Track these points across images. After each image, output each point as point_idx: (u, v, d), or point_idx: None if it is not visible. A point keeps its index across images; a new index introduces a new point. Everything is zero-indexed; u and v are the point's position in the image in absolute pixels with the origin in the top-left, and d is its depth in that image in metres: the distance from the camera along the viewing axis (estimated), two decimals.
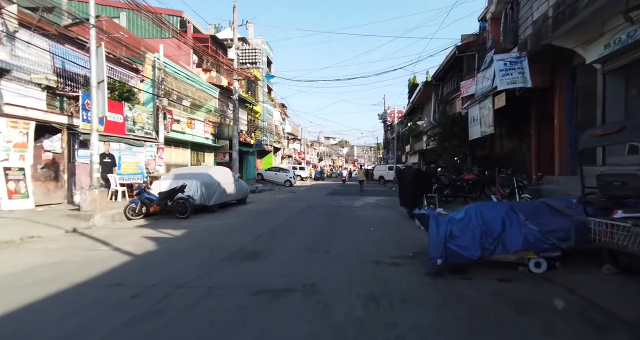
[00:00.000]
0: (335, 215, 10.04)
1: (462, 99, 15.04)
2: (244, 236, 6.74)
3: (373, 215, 10.04)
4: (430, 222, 4.46)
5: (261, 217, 9.71)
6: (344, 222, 8.78)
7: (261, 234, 6.94)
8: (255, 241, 6.29)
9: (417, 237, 6.67)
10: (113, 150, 12.25)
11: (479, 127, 12.17)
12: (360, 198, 16.07)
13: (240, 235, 6.85)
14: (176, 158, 17.86)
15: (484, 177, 10.68)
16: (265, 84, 33.19)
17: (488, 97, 11.18)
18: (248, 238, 6.54)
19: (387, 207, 12.32)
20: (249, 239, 6.43)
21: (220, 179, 11.16)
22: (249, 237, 6.59)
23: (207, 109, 21.25)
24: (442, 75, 18.10)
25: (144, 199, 9.29)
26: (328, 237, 6.69)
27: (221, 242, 6.27)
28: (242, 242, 6.13)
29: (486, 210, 4.54)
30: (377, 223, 8.55)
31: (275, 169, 30.15)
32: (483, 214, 4.45)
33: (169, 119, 16.29)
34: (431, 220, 4.45)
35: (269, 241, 6.31)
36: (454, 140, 14.12)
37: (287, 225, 8.13)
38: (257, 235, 6.78)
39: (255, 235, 6.77)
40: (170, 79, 16.30)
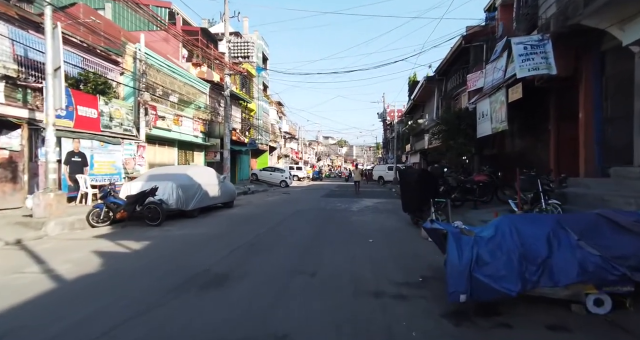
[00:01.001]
0: (329, 222, 8.87)
1: (468, 94, 13.89)
2: (216, 251, 5.56)
3: (372, 222, 8.88)
4: (449, 242, 3.29)
5: (245, 224, 8.53)
6: (338, 230, 7.61)
7: (237, 248, 5.76)
8: (227, 258, 5.11)
9: (425, 251, 5.51)
10: (84, 148, 11.05)
11: (489, 124, 11.01)
12: (357, 200, 14.91)
13: (211, 250, 5.67)
14: (161, 157, 16.67)
15: (496, 179, 9.52)
16: (260, 81, 32.01)
17: (500, 89, 10.02)
18: (219, 253, 5.36)
19: (388, 211, 11.15)
20: (219, 255, 5.25)
21: (201, 181, 9.98)
22: (221, 253, 5.41)
23: (196, 105, 20.05)
24: (446, 69, 16.94)
25: (109, 204, 8.11)
26: (317, 253, 5.52)
27: (185, 259, 5.10)
28: (210, 260, 4.96)
29: (524, 225, 3.37)
30: (377, 232, 7.38)
31: (270, 169, 28.95)
32: (520, 231, 3.29)
33: (152, 115, 15.10)
34: (450, 241, 3.29)
35: (244, 258, 5.13)
36: (460, 138, 12.96)
37: (272, 235, 6.95)
38: (231, 250, 5.60)
39: (229, 250, 5.59)
40: (153, 71, 15.10)
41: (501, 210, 8.75)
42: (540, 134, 10.34)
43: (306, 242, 6.28)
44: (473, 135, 12.97)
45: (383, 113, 47.58)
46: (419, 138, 26.31)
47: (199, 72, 22.00)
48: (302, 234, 7.16)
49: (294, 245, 6.01)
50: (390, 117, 47.55)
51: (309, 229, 7.69)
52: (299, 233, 7.24)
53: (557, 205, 6.09)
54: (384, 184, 30.61)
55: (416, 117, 28.55)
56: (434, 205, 7.20)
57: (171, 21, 21.50)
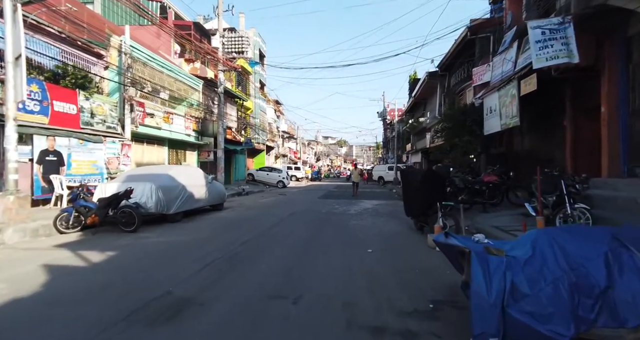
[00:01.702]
0: (325, 227, 8.05)
1: (474, 88, 13.07)
2: (189, 264, 4.74)
3: (371, 227, 8.06)
4: (473, 266, 2.47)
5: (231, 229, 7.71)
6: (334, 237, 6.79)
7: (214, 261, 4.94)
8: (198, 275, 4.29)
9: (433, 264, 4.70)
10: (60, 146, 10.23)
11: (497, 120, 10.20)
12: (356, 202, 14.09)
13: (184, 263, 4.85)
14: (150, 156, 15.85)
15: (507, 179, 8.70)
16: (257, 79, 31.20)
17: (511, 81, 9.21)
18: (192, 268, 4.54)
19: (388, 215, 10.33)
20: (191, 270, 4.43)
21: (185, 181, 9.16)
22: (194, 266, 4.60)
23: (189, 103, 19.23)
24: (449, 63, 16.12)
25: (79, 208, 7.29)
26: (307, 267, 4.70)
27: (149, 276, 4.27)
28: (178, 277, 4.14)
29: (570, 242, 2.55)
30: (377, 239, 6.56)
31: (267, 169, 28.14)
32: (566, 251, 2.48)
33: (139, 112, 14.28)
34: (475, 263, 2.47)
35: (218, 275, 4.31)
36: (466, 135, 12.12)
37: (258, 244, 6.13)
38: (206, 263, 4.78)
39: (205, 263, 4.77)
40: (139, 66, 14.28)
41: (514, 214, 7.94)
42: (554, 130, 9.53)
43: (296, 253, 5.46)
44: (479, 132, 12.16)
45: (383, 112, 46.73)
46: (420, 137, 25.49)
47: (191, 69, 21.20)
48: (292, 242, 6.34)
49: (280, 258, 5.19)
50: (391, 117, 46.76)
51: (301, 236, 6.87)
52: (290, 241, 6.41)
53: (585, 210, 5.28)
54: (383, 184, 29.80)
55: (417, 115, 27.75)
56: (441, 210, 6.38)
57: (162, 15, 20.68)
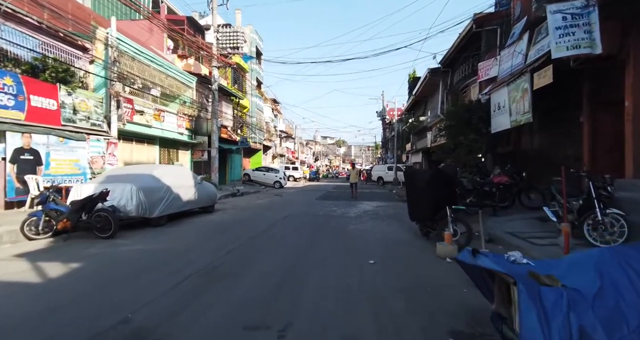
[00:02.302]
0: (321, 232, 7.36)
1: (479, 84, 12.41)
2: (158, 281, 4.05)
3: (372, 232, 7.37)
4: (521, 302, 1.78)
5: (218, 235, 7.01)
6: (331, 245, 6.10)
7: (189, 276, 4.24)
8: (166, 297, 3.59)
9: (446, 281, 4.02)
10: (37, 144, 9.51)
11: (507, 116, 9.53)
12: (355, 204, 13.41)
13: (152, 279, 4.15)
14: (139, 156, 15.13)
15: (520, 180, 8.03)
16: (254, 77, 30.50)
17: (523, 75, 8.54)
18: (159, 287, 3.85)
19: (390, 217, 9.65)
20: (157, 291, 3.73)
21: (171, 182, 8.46)
22: (163, 285, 3.90)
23: (181, 100, 18.51)
24: (453, 59, 15.45)
25: (49, 211, 6.59)
26: (297, 286, 4.00)
27: (110, 296, 3.58)
28: (140, 300, 3.44)
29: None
30: (378, 247, 5.88)
31: (264, 169, 27.44)
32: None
33: (127, 109, 13.57)
34: (524, 300, 1.78)
35: (189, 297, 3.61)
36: (471, 133, 11.46)
37: (243, 254, 5.44)
38: (179, 280, 4.07)
39: (177, 280, 4.06)
40: (128, 60, 13.56)
41: (528, 218, 7.27)
42: (568, 127, 8.87)
43: (287, 265, 4.76)
44: (485, 130, 11.51)
45: (382, 111, 46.13)
46: (420, 136, 24.83)
47: (185, 65, 20.46)
48: (284, 251, 5.65)
49: (268, 272, 4.49)
50: (390, 116, 46.19)
51: (295, 244, 6.17)
52: (281, 250, 5.72)
53: (619, 216, 4.60)
54: (383, 184, 29.15)
55: (418, 114, 27.10)
56: (451, 214, 5.71)
57: (155, 9, 19.97)
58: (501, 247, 5.73)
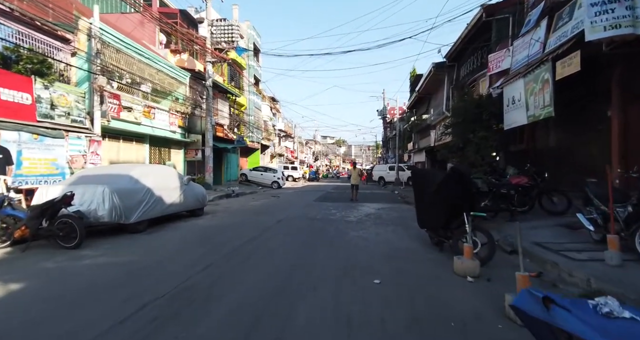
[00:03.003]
0: (317, 241, 6.51)
1: (489, 78, 11.55)
2: (104, 312, 3.19)
3: (375, 241, 6.52)
4: None
5: (200, 245, 6.16)
6: (328, 259, 5.24)
7: (147, 304, 3.38)
8: (110, 335, 2.74)
9: (473, 310, 3.17)
10: (7, 141, 8.66)
11: (523, 111, 8.67)
12: (356, 206, 12.55)
13: (96, 310, 3.29)
14: (127, 155, 14.27)
15: (541, 182, 7.16)
16: (251, 74, 29.64)
17: (543, 64, 7.68)
18: (101, 323, 2.99)
19: (395, 222, 8.81)
20: (96, 330, 2.87)
21: (152, 184, 7.62)
22: (107, 320, 3.04)
23: (174, 97, 17.66)
24: (459, 52, 14.56)
25: (5, 217, 5.76)
26: (283, 317, 3.15)
27: (34, 334, 2.73)
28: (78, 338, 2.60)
29: None
30: (384, 262, 5.03)
31: (261, 169, 26.58)
32: None
33: (114, 105, 12.73)
34: None
35: (139, 337, 2.76)
36: (481, 130, 10.61)
37: (222, 271, 4.58)
38: (132, 311, 3.21)
39: (129, 311, 3.20)
40: (112, 53, 12.71)
41: (552, 225, 6.40)
42: (592, 122, 8.03)
43: (272, 288, 3.90)
44: (497, 127, 10.67)
45: (383, 110, 45.23)
46: (423, 135, 23.98)
47: (178, 60, 19.63)
48: (271, 266, 4.79)
49: (248, 296, 3.63)
50: (391, 115, 45.36)
51: (285, 256, 5.32)
52: (267, 265, 4.86)
53: None
54: (384, 185, 28.29)
55: (420, 112, 26.24)
56: (469, 222, 4.86)
57: (146, 2, 19.10)
58: (528, 261, 4.88)
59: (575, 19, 7.18)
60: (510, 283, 3.99)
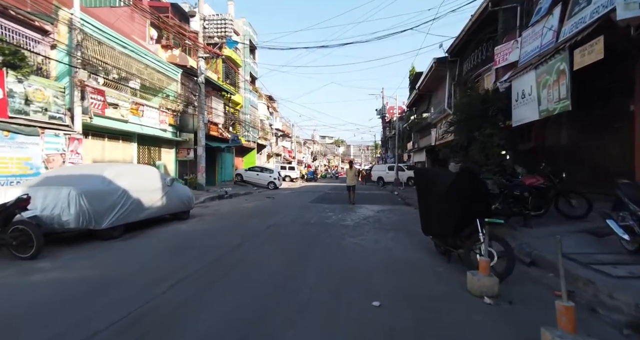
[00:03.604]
0: (309, 250, 5.80)
1: (496, 72, 10.87)
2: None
3: (373, 250, 5.82)
4: None
5: (175, 255, 5.45)
6: (318, 274, 4.54)
7: (94, 335, 2.68)
8: None
9: None
10: None
11: (534, 105, 7.99)
12: (354, 209, 11.84)
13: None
14: (113, 154, 13.55)
15: (559, 182, 6.47)
16: (247, 72, 28.92)
17: (558, 53, 7.00)
18: None
19: (395, 227, 8.11)
20: None
21: (128, 185, 6.90)
22: None
23: (164, 94, 16.93)
24: (463, 44, 13.87)
25: None
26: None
27: None
28: None
29: None
30: (384, 277, 4.32)
31: (257, 169, 25.87)
32: None
33: (97, 101, 12.01)
34: None
35: None
36: (487, 128, 9.93)
37: (191, 292, 3.87)
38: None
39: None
40: (95, 46, 11.99)
41: (574, 231, 5.70)
42: (610, 118, 7.34)
43: (247, 318, 3.19)
44: (504, 124, 10.00)
45: (382, 109, 44.64)
46: (424, 134, 23.31)
47: (169, 56, 18.92)
48: (252, 285, 4.08)
49: (217, 327, 2.92)
50: (390, 114, 44.72)
51: (269, 272, 4.60)
52: (248, 283, 4.15)
53: None
54: (383, 185, 27.60)
55: (421, 110, 25.57)
56: (482, 230, 4.17)
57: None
58: (552, 275, 4.19)
59: (594, 3, 6.52)
60: (537, 306, 3.30)
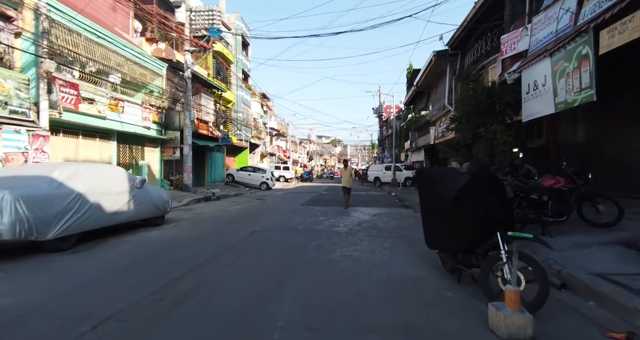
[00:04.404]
0: (289, 268, 4.87)
1: (502, 63, 9.99)
2: None
3: (368, 265, 4.89)
4: None
5: (130, 273, 4.49)
6: (296, 301, 3.61)
7: None
8: None
9: None
10: None
11: (549, 98, 7.10)
12: (348, 212, 10.92)
13: None
14: (88, 153, 12.53)
15: (584, 184, 5.57)
16: (239, 68, 27.95)
17: (580, 36, 6.11)
18: None
19: (394, 234, 7.20)
20: None
21: (84, 187, 5.94)
22: None
23: (149, 89, 15.92)
24: (465, 35, 12.98)
25: None
26: None
27: None
28: None
29: None
30: (380, 304, 3.40)
31: (249, 169, 24.93)
32: None
33: (69, 96, 11.02)
34: None
35: None
36: (494, 123, 9.07)
37: (129, 329, 2.93)
38: None
39: None
40: (64, 34, 10.98)
41: (605, 242, 4.80)
42: (634, 112, 6.47)
43: None
44: (510, 120, 9.15)
45: (379, 108, 43.73)
46: (422, 132, 22.44)
47: (155, 50, 17.89)
48: (206, 320, 3.14)
49: None
50: (387, 113, 43.87)
51: (237, 297, 3.66)
52: (207, 312, 3.22)
53: None
54: (380, 186, 26.72)
55: (419, 108, 24.71)
56: (505, 246, 3.27)
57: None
58: (593, 304, 3.29)
59: None
60: None
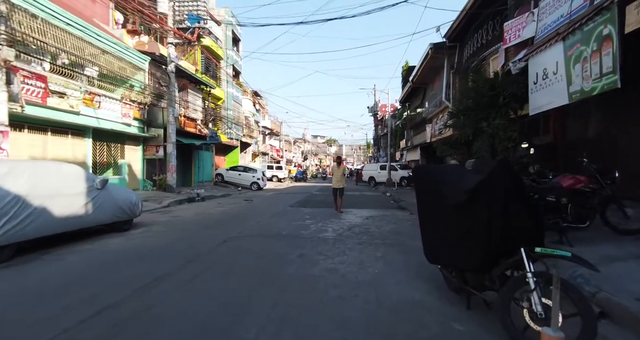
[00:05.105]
0: (261, 285, 4.04)
1: (505, 52, 9.24)
2: None
3: (355, 284, 4.06)
4: None
5: (65, 295, 3.63)
6: (261, 332, 2.77)
7: None
8: None
9: None
10: None
11: (562, 87, 6.34)
12: (338, 216, 10.10)
13: None
14: (59, 151, 11.57)
15: (611, 184, 4.78)
16: (229, 64, 27.02)
17: (599, 15, 5.34)
18: None
19: (388, 241, 6.38)
20: None
21: (26, 188, 5.07)
22: None
23: (129, 84, 14.98)
24: (463, 26, 12.21)
25: None
26: None
27: None
28: None
29: None
30: (368, 335, 2.58)
31: (239, 169, 24.03)
32: None
33: (34, 88, 10.09)
34: None
35: None
36: (497, 117, 8.30)
37: None
38: None
39: None
40: (27, 20, 10.03)
41: (637, 256, 4.03)
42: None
43: None
44: (514, 114, 8.40)
45: (374, 107, 43.03)
46: (418, 130, 21.70)
47: (137, 43, 16.99)
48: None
49: None
50: (382, 112, 43.16)
51: (183, 334, 2.82)
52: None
53: None
54: (375, 186, 25.95)
55: (414, 105, 23.98)
56: (530, 265, 2.47)
57: None
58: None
59: None
60: None
